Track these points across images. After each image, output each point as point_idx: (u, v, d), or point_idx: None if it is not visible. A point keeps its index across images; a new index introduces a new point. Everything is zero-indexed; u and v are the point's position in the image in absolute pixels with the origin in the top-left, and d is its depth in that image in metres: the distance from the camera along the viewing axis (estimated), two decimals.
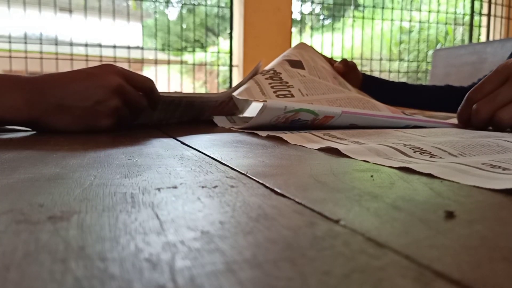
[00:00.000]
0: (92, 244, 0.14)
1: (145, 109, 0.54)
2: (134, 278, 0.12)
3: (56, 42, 2.77)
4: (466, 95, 0.56)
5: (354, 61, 0.95)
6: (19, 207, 0.18)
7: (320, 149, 0.36)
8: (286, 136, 0.43)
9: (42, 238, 0.15)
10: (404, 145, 0.34)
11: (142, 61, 3.07)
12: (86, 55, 2.77)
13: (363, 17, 3.60)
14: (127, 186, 0.22)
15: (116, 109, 0.49)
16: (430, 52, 3.49)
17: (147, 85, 0.54)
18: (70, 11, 3.04)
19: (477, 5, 3.75)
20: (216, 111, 0.68)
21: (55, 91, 0.47)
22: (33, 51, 2.70)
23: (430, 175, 0.25)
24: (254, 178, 0.25)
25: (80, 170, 0.27)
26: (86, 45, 2.82)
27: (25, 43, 2.68)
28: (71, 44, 2.83)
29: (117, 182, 0.23)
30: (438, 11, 3.77)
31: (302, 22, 3.71)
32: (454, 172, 0.25)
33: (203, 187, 0.22)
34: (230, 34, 3.13)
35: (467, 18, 3.79)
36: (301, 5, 3.59)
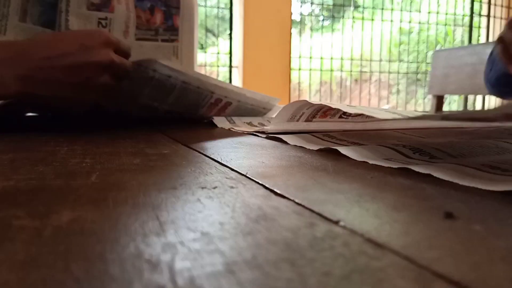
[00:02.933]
0: (92, 245, 0.14)
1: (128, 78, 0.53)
2: (134, 279, 0.12)
3: None
4: None
5: (354, 62, 0.89)
6: (19, 208, 0.18)
7: (320, 150, 0.36)
8: (285, 137, 0.43)
9: (43, 239, 0.15)
10: (404, 146, 0.34)
11: None
12: None
13: (362, 18, 3.60)
14: (127, 187, 0.22)
15: (105, 85, 0.49)
16: (430, 53, 3.49)
17: (130, 53, 0.53)
18: None
19: (476, 6, 3.75)
20: (210, 110, 0.66)
21: (44, 64, 0.46)
22: None
23: (429, 176, 0.25)
24: (253, 179, 0.25)
25: (80, 171, 0.27)
26: None
27: None
28: None
29: (116, 183, 0.23)
30: (437, 12, 3.77)
31: (301, 23, 3.71)
32: (453, 173, 0.25)
33: (203, 188, 0.22)
34: (230, 35, 3.13)
35: (467, 19, 3.79)
36: (301, 6, 3.59)
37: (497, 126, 0.52)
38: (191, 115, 0.67)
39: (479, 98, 3.81)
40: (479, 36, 3.81)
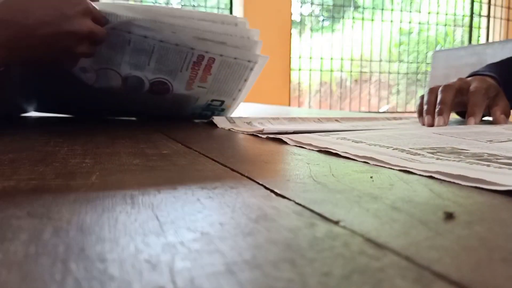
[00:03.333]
0: (92, 245, 0.14)
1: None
2: (133, 279, 0.12)
3: None
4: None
5: (354, 62, 0.93)
6: (19, 208, 0.18)
7: (320, 151, 0.36)
8: (285, 137, 0.43)
9: (42, 239, 0.15)
10: (402, 151, 0.34)
11: None
12: None
13: (362, 19, 3.60)
14: (127, 187, 0.22)
15: (83, 54, 0.50)
16: (430, 54, 3.49)
17: (104, 21, 0.53)
18: None
19: (476, 6, 3.75)
20: (194, 73, 0.63)
21: (24, 32, 0.45)
22: None
23: (430, 177, 0.25)
24: (253, 179, 0.25)
25: (80, 171, 0.27)
26: None
27: None
28: None
29: (116, 183, 0.23)
30: (437, 13, 3.77)
31: (301, 23, 3.71)
32: (455, 174, 0.25)
33: (202, 188, 0.22)
34: None
35: (467, 19, 3.80)
36: (301, 7, 3.59)
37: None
38: (179, 89, 0.64)
39: None
40: (479, 36, 3.81)
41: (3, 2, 0.46)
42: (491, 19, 3.77)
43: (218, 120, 0.64)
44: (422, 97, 0.67)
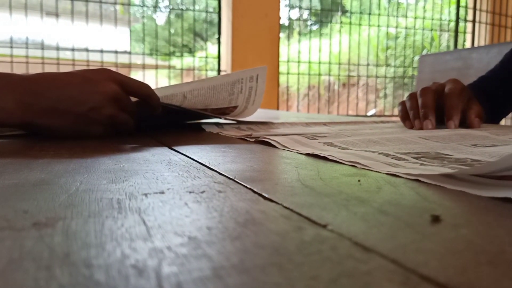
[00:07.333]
0: (77, 251, 0.14)
1: (138, 117, 0.54)
2: (120, 285, 0.11)
3: (42, 47, 2.74)
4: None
5: (342, 66, 0.93)
6: (3, 213, 0.18)
7: (308, 154, 0.36)
8: (274, 141, 0.43)
9: (27, 244, 0.14)
10: (387, 156, 0.35)
11: (129, 66, 3.05)
12: (73, 60, 2.74)
13: (350, 23, 3.63)
14: (114, 192, 0.22)
15: (110, 117, 0.49)
16: (416, 58, 3.53)
17: (144, 92, 0.53)
18: (56, 15, 3.02)
19: (462, 11, 3.80)
20: (216, 112, 0.69)
21: (49, 94, 0.46)
22: (19, 55, 2.67)
23: (417, 180, 0.25)
24: (241, 183, 0.25)
25: (66, 176, 0.26)
26: (72, 49, 2.80)
27: (11, 47, 2.65)
28: (58, 48, 2.80)
29: (103, 187, 0.23)
30: (424, 18, 3.81)
31: (290, 27, 3.73)
32: (441, 177, 0.25)
33: (190, 192, 0.22)
34: (218, 39, 3.13)
35: (452, 24, 3.84)
36: (289, 11, 3.61)
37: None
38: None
39: None
40: (464, 41, 3.86)
41: (36, 73, 0.49)
42: (477, 24, 3.82)
43: (206, 124, 0.64)
44: (403, 103, 0.68)
